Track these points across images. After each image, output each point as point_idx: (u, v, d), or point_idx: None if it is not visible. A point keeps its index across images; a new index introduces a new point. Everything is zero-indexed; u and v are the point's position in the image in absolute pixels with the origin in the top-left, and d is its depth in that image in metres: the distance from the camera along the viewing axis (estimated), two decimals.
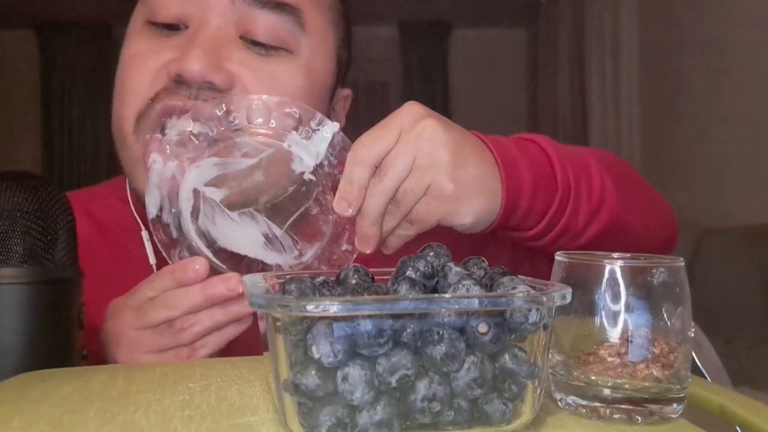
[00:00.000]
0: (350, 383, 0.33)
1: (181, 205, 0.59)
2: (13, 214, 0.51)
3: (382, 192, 0.55)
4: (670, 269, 0.40)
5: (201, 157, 0.59)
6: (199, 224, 0.59)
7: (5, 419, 0.38)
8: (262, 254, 0.60)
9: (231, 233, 0.59)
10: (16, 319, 0.50)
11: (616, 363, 0.39)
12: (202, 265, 0.56)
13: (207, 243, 0.60)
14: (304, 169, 0.60)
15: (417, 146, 0.55)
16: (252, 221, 0.60)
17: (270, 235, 0.60)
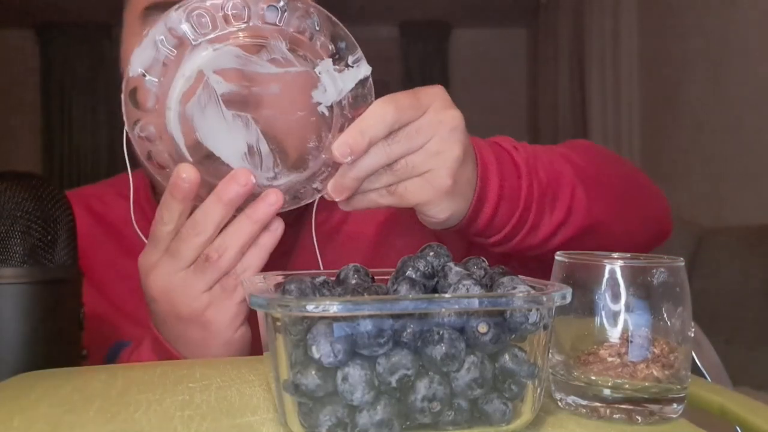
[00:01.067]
0: (350, 383, 0.33)
1: (176, 80, 0.53)
2: (14, 214, 0.51)
3: (386, 155, 0.54)
4: (670, 269, 0.40)
5: (224, 42, 0.54)
6: (186, 107, 0.54)
7: (5, 419, 0.38)
8: (237, 163, 0.55)
9: (216, 131, 0.55)
10: (16, 319, 0.50)
11: (616, 363, 0.39)
12: (188, 171, 0.52)
13: (184, 130, 0.54)
14: (322, 101, 0.57)
15: (437, 131, 0.55)
16: (244, 127, 0.55)
17: (255, 148, 0.56)
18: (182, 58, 0.53)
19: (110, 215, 0.78)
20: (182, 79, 0.53)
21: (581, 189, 0.67)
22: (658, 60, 3.10)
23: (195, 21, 0.53)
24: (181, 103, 0.54)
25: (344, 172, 0.54)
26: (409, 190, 0.56)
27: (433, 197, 0.57)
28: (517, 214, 0.63)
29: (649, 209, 0.79)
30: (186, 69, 0.53)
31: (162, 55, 0.53)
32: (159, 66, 0.53)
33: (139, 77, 0.53)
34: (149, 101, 0.54)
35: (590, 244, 0.67)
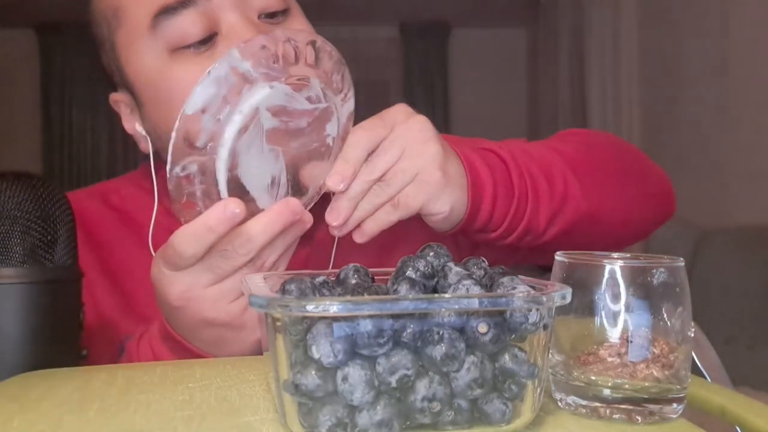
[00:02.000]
0: (350, 383, 0.33)
1: (234, 116, 0.55)
2: (14, 214, 0.51)
3: (370, 172, 0.59)
4: (670, 269, 0.40)
5: (278, 80, 0.56)
6: (238, 144, 0.56)
7: (5, 419, 0.38)
8: (260, 195, 0.58)
9: (252, 165, 0.57)
10: (16, 319, 0.50)
11: (616, 363, 0.39)
12: (239, 207, 0.52)
13: (230, 166, 0.56)
14: (331, 132, 0.61)
15: (409, 138, 0.60)
16: (274, 160, 0.58)
17: (276, 180, 0.59)
18: (240, 97, 0.55)
19: (128, 206, 0.79)
20: (240, 115, 0.55)
21: (573, 177, 0.69)
22: (658, 60, 3.09)
23: (255, 60, 0.55)
24: (235, 140, 0.55)
25: (338, 197, 0.59)
26: (409, 196, 0.60)
27: (431, 193, 0.60)
28: (515, 203, 0.65)
29: (649, 187, 0.80)
30: (245, 106, 0.55)
31: (223, 92, 0.54)
32: (218, 103, 0.54)
33: (197, 114, 0.54)
34: (201, 140, 0.55)
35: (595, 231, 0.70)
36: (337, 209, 0.59)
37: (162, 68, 0.65)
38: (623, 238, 0.79)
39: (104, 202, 0.80)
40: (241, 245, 0.54)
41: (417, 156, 0.59)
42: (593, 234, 0.71)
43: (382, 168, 0.59)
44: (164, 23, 0.64)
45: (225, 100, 0.54)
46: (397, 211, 0.60)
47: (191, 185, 0.55)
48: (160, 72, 0.66)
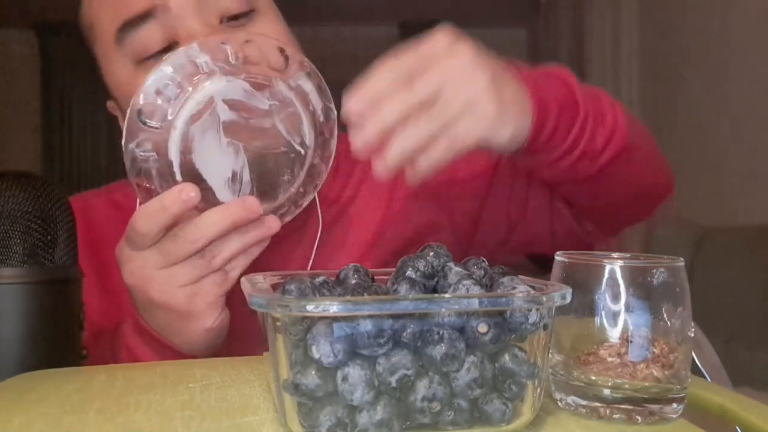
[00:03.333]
0: (350, 383, 0.33)
1: (188, 102, 0.57)
2: (14, 214, 0.51)
3: (406, 94, 0.52)
4: (670, 269, 0.40)
5: (237, 75, 0.58)
6: (190, 128, 0.58)
7: (5, 419, 0.38)
8: (219, 187, 0.60)
9: (209, 155, 0.59)
10: (17, 319, 0.50)
11: (616, 363, 0.39)
12: (194, 191, 0.55)
13: (183, 149, 0.58)
14: (303, 138, 0.62)
15: (452, 67, 0.54)
16: (233, 154, 0.59)
17: (237, 175, 0.60)
18: (197, 85, 0.57)
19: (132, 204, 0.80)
20: (194, 102, 0.57)
21: (619, 109, 0.67)
22: (658, 60, 3.09)
23: (213, 54, 0.58)
24: (187, 123, 0.57)
25: (368, 123, 0.52)
26: (461, 130, 0.54)
27: (489, 127, 0.55)
28: (579, 122, 0.62)
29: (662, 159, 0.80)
30: (199, 94, 0.58)
31: (178, 78, 0.57)
32: (173, 88, 0.57)
33: (152, 96, 0.57)
34: (155, 119, 0.57)
35: (628, 172, 0.68)
36: (362, 136, 0.52)
37: (130, 79, 0.66)
38: (641, 191, 0.76)
39: (109, 200, 0.81)
40: (190, 232, 0.56)
41: (464, 85, 0.53)
42: (628, 174, 0.69)
43: (423, 91, 0.52)
44: (127, 37, 0.65)
45: (179, 85, 0.57)
46: (449, 148, 0.54)
47: (146, 162, 0.58)
48: (129, 83, 0.67)
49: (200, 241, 0.56)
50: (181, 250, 0.56)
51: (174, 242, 0.56)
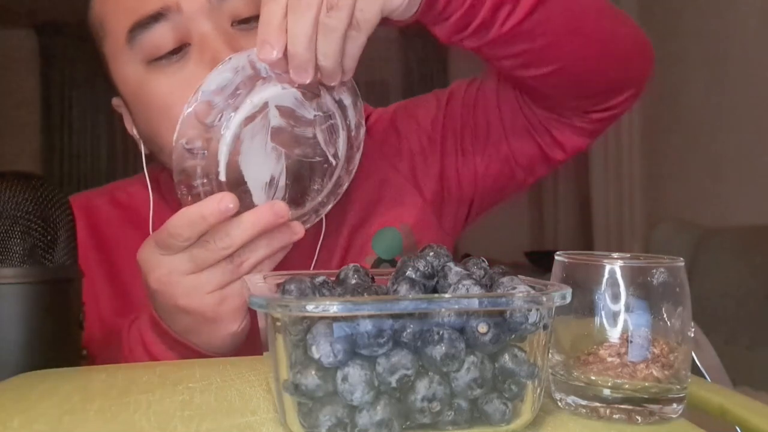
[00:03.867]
0: (350, 383, 0.33)
1: (244, 104, 0.58)
2: (14, 214, 0.51)
3: (307, 7, 0.52)
4: (670, 269, 0.40)
5: (291, 84, 0.59)
6: (243, 130, 0.58)
7: (5, 419, 0.38)
8: (257, 190, 0.61)
9: (253, 157, 0.60)
10: (17, 319, 0.50)
11: (616, 363, 0.39)
12: (233, 202, 0.55)
13: (232, 150, 0.58)
14: (337, 150, 0.64)
15: None
16: (275, 160, 0.61)
17: (275, 180, 0.61)
18: (253, 88, 0.58)
19: (135, 203, 0.80)
20: (250, 105, 0.58)
21: None
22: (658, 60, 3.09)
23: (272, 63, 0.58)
24: (241, 126, 0.58)
25: (292, 52, 0.53)
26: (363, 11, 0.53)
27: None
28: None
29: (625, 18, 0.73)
30: (256, 97, 0.58)
31: (238, 79, 0.58)
32: (232, 88, 0.58)
33: (210, 95, 0.58)
34: (210, 118, 0.58)
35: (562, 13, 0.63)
36: (301, 65, 0.54)
37: (139, 79, 0.67)
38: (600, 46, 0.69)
39: (112, 200, 0.81)
40: (220, 239, 0.56)
41: None
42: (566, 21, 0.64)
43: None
44: (138, 37, 0.65)
45: (238, 87, 0.58)
46: (360, 32, 0.54)
47: (193, 158, 0.58)
48: (138, 83, 0.67)
49: (231, 248, 0.56)
50: (212, 257, 0.56)
51: (205, 249, 0.56)
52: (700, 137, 2.75)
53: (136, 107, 0.69)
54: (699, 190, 2.74)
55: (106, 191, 0.83)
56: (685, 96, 2.85)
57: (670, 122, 2.98)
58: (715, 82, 2.67)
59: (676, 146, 2.92)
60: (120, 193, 0.81)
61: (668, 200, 2.96)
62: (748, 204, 2.46)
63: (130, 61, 0.67)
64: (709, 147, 2.69)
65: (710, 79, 2.70)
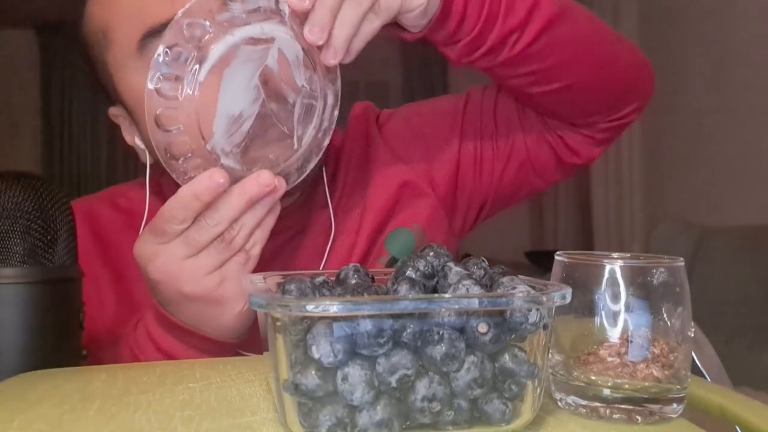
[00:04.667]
0: (350, 383, 0.33)
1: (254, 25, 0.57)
2: (14, 214, 0.51)
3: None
4: (670, 269, 0.40)
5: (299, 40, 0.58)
6: (240, 49, 0.57)
7: (5, 419, 0.38)
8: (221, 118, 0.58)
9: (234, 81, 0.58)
10: (16, 319, 0.50)
11: (616, 363, 0.39)
12: (222, 176, 0.55)
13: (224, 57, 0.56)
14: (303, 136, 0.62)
15: None
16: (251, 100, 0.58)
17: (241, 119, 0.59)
18: (268, 19, 0.57)
19: (136, 208, 0.80)
20: (260, 29, 0.57)
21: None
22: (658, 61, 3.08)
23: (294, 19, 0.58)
24: (243, 40, 0.56)
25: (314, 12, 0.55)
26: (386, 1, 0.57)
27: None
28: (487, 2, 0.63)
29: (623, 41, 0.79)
30: (267, 27, 0.57)
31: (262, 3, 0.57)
32: (253, 5, 0.56)
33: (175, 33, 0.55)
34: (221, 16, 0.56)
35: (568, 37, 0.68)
36: (317, 22, 0.55)
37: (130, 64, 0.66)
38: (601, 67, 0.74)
39: (113, 205, 0.80)
40: (210, 216, 0.56)
41: None
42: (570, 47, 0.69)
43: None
44: (151, 45, 0.64)
45: (259, 7, 0.57)
46: (378, 17, 0.57)
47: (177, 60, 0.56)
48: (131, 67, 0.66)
49: (222, 224, 0.56)
50: (204, 236, 0.57)
51: (199, 229, 0.57)
52: (700, 138, 2.75)
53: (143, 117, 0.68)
54: (699, 190, 2.74)
55: (106, 196, 0.82)
56: (685, 96, 2.84)
57: (670, 122, 2.98)
58: (715, 83, 2.67)
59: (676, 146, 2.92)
60: (121, 199, 0.81)
61: (668, 200, 2.96)
62: (748, 204, 2.46)
63: (139, 69, 0.65)
64: (709, 147, 2.69)
65: (710, 79, 2.70)
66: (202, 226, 0.57)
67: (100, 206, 0.80)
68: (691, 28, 2.82)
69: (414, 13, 0.60)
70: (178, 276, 0.58)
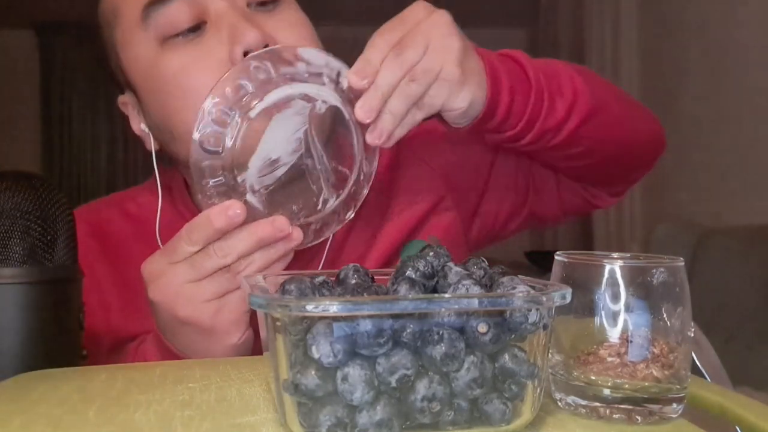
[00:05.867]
0: (350, 383, 0.33)
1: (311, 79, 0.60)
2: (13, 214, 0.51)
3: (400, 65, 0.58)
4: (670, 269, 0.40)
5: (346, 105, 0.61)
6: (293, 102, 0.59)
7: (5, 419, 0.38)
8: (256, 160, 0.59)
9: (277, 131, 0.60)
10: (16, 319, 0.50)
11: (616, 363, 0.39)
12: (240, 209, 0.56)
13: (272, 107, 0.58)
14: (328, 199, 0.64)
15: (432, 33, 0.60)
16: (290, 150, 0.61)
17: (276, 164, 0.60)
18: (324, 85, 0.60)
19: (145, 213, 0.79)
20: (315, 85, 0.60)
21: (578, 77, 0.72)
22: (658, 61, 3.09)
23: None
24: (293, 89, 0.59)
25: (367, 94, 0.58)
26: (432, 95, 0.60)
27: (451, 90, 0.60)
28: (532, 97, 0.67)
29: (639, 108, 0.84)
30: (324, 90, 0.60)
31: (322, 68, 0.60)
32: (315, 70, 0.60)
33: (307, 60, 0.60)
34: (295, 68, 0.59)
35: (600, 127, 0.72)
36: (369, 105, 0.58)
37: (154, 58, 0.66)
38: (626, 144, 0.79)
39: (121, 211, 0.80)
40: (220, 247, 0.57)
41: (440, 51, 0.59)
42: (600, 134, 0.73)
43: (411, 61, 0.58)
44: (154, 14, 0.65)
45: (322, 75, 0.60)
46: (421, 111, 0.61)
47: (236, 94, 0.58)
48: (152, 62, 0.66)
49: (230, 256, 0.57)
50: (211, 264, 0.57)
51: (205, 256, 0.57)
52: (700, 138, 2.75)
53: (148, 91, 0.69)
54: (699, 191, 2.73)
55: (114, 202, 0.82)
56: (685, 96, 2.85)
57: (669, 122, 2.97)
58: (715, 83, 2.67)
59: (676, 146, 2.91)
60: (130, 204, 0.80)
61: (668, 200, 2.95)
62: (748, 204, 2.46)
63: (143, 41, 0.66)
64: (709, 147, 2.69)
65: (710, 79, 2.70)
66: (209, 253, 0.57)
67: (108, 212, 0.80)
68: (690, 30, 2.82)
69: (455, 113, 0.62)
70: (177, 298, 0.58)
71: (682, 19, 2.88)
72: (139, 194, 0.82)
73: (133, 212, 0.79)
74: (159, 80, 0.66)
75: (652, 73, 3.17)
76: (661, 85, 3.08)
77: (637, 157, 0.83)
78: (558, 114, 0.68)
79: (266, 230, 0.57)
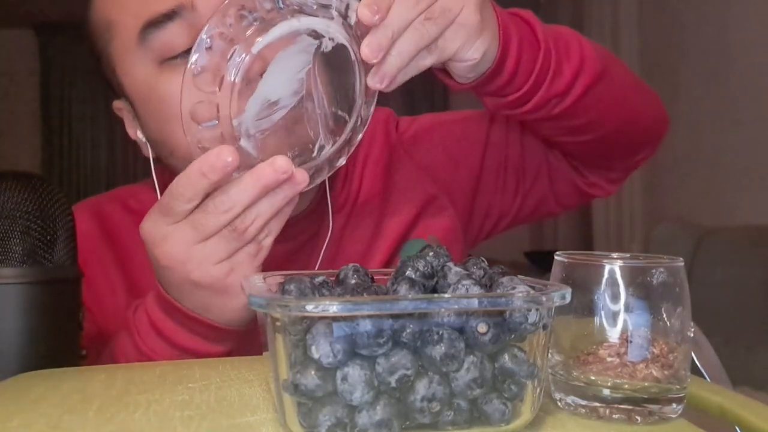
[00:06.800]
0: (350, 383, 0.33)
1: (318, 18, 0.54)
2: (13, 214, 0.51)
3: (414, 4, 0.53)
4: (669, 269, 0.40)
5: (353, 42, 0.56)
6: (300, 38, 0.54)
7: (5, 419, 0.38)
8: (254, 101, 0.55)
9: (279, 68, 0.55)
10: (16, 319, 0.50)
11: (616, 363, 0.39)
12: (232, 155, 0.52)
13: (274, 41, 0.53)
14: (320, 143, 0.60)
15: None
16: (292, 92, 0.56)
17: (275, 107, 0.56)
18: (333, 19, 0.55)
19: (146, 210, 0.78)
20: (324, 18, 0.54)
21: (587, 44, 0.70)
22: (657, 59, 3.09)
23: None
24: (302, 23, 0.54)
25: (376, 30, 0.54)
26: (447, 39, 0.56)
27: (467, 37, 0.57)
28: (540, 57, 0.64)
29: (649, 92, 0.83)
30: (332, 24, 0.55)
31: None
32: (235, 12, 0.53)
33: None
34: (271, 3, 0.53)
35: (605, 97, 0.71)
36: (377, 43, 0.53)
37: (151, 80, 0.65)
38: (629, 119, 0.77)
39: (124, 206, 0.80)
40: (220, 201, 0.54)
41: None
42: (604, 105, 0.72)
43: (426, 1, 0.54)
44: (151, 36, 0.63)
45: (330, 6, 0.55)
46: (431, 56, 0.57)
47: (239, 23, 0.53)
48: (150, 84, 0.65)
49: (232, 210, 0.54)
50: (213, 222, 0.54)
51: (205, 213, 0.54)
52: (700, 137, 2.75)
53: (146, 109, 0.68)
54: (699, 190, 2.73)
55: (115, 197, 0.81)
56: (685, 96, 2.85)
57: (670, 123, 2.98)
58: (716, 82, 2.67)
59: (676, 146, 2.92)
60: (131, 200, 0.80)
61: (668, 200, 2.95)
62: (749, 204, 2.46)
63: (140, 61, 0.65)
64: (710, 147, 2.69)
65: (710, 78, 2.70)
66: (209, 211, 0.54)
67: (110, 207, 0.79)
68: (690, 29, 2.82)
69: (465, 64, 0.59)
70: (186, 263, 0.55)
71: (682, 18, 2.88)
72: (141, 191, 0.82)
73: (136, 208, 0.79)
74: (157, 101, 0.66)
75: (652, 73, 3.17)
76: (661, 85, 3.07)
77: (640, 136, 0.81)
78: (564, 77, 0.66)
79: (269, 175, 0.53)
